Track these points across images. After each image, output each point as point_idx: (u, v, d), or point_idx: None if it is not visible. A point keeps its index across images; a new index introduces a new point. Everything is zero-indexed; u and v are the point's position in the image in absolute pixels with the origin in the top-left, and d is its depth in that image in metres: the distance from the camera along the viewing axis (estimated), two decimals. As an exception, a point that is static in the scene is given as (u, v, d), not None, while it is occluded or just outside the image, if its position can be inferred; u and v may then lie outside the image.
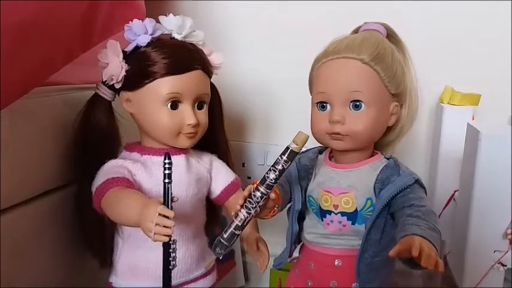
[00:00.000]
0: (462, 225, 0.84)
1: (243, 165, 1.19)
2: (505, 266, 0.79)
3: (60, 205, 0.76)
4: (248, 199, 0.62)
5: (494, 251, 0.81)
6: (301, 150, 0.63)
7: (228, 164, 0.83)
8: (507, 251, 0.79)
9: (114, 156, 0.74)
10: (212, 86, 0.78)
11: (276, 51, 1.15)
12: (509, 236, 0.78)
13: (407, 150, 1.06)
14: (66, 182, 0.77)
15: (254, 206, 0.62)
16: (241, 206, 0.62)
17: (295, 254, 0.79)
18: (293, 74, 1.10)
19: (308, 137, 0.61)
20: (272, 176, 0.61)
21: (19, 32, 0.55)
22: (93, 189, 0.68)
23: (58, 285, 0.77)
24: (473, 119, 0.99)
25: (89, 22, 0.72)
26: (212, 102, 0.78)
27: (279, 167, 0.61)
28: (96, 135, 0.74)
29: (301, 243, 0.79)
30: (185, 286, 0.76)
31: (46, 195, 0.73)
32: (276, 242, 0.83)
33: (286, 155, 0.61)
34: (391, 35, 0.76)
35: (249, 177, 1.18)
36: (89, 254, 0.78)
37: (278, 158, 0.61)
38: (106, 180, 0.66)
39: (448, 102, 1.03)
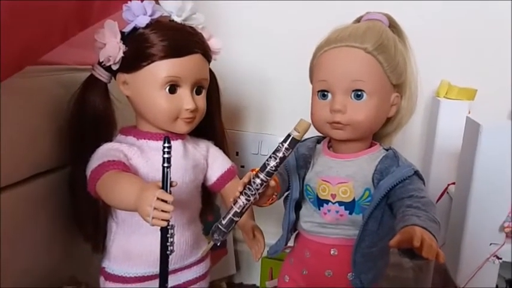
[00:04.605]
0: (459, 218, 0.84)
1: (237, 154, 1.18)
2: (501, 258, 0.80)
3: (53, 188, 0.74)
4: (248, 186, 0.61)
5: (491, 244, 0.81)
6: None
7: (224, 152, 0.82)
8: (503, 244, 0.80)
9: (110, 139, 0.72)
10: (210, 72, 0.77)
11: (271, 40, 1.14)
12: (507, 229, 0.79)
13: (402, 143, 1.06)
14: (59, 165, 0.75)
15: (253, 193, 0.61)
16: (241, 193, 0.61)
17: (290, 243, 0.78)
18: (288, 63, 1.10)
19: (310, 124, 0.61)
20: (272, 163, 0.60)
21: (16, 6, 0.53)
22: (88, 172, 0.66)
23: (49, 269, 0.75)
24: (469, 113, 0.99)
25: (87, 0, 0.70)
26: (210, 89, 0.77)
27: (280, 154, 0.60)
28: (91, 117, 0.72)
29: (296, 232, 0.79)
30: (179, 272, 0.76)
31: (39, 178, 0.72)
32: (271, 232, 0.83)
33: (287, 143, 0.60)
34: (393, 26, 0.76)
35: (242, 166, 1.17)
36: (81, 239, 0.77)
37: (279, 146, 0.61)
38: (102, 163, 0.65)
39: (444, 96, 1.03)
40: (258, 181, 0.61)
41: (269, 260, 1.11)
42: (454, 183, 0.96)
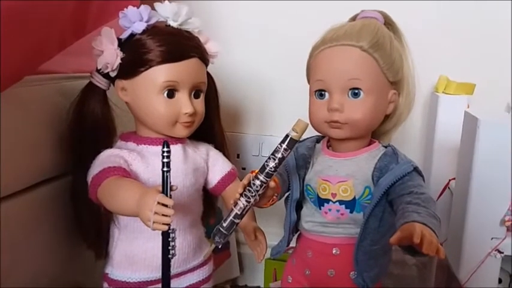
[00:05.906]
0: (460, 212, 0.84)
1: (238, 156, 1.18)
2: (502, 252, 0.80)
3: (55, 195, 0.75)
4: (247, 187, 0.62)
5: (492, 238, 0.81)
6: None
7: (224, 154, 0.82)
8: (504, 238, 0.80)
9: (110, 145, 0.73)
10: (208, 76, 0.77)
11: (269, 41, 1.14)
12: (507, 223, 0.79)
13: (402, 140, 1.06)
14: (60, 172, 0.76)
15: (253, 194, 0.61)
16: (241, 195, 0.62)
17: (292, 243, 0.79)
18: (287, 65, 1.10)
19: (308, 124, 0.61)
20: (272, 164, 0.61)
21: (12, 17, 0.54)
22: (89, 178, 0.67)
23: (53, 276, 0.76)
24: (468, 107, 0.99)
25: (83, 8, 0.70)
26: (208, 92, 0.77)
27: (279, 155, 0.61)
28: (90, 124, 0.73)
29: (298, 232, 0.79)
30: (182, 276, 0.76)
31: (40, 186, 0.72)
32: (273, 233, 0.83)
33: (286, 143, 0.60)
34: (388, 23, 0.76)
35: (243, 168, 1.17)
36: (84, 245, 0.77)
37: (278, 146, 0.61)
38: (102, 169, 0.65)
39: (443, 91, 1.03)
40: (257, 182, 0.61)
41: (273, 262, 1.11)
42: (455, 179, 0.96)
